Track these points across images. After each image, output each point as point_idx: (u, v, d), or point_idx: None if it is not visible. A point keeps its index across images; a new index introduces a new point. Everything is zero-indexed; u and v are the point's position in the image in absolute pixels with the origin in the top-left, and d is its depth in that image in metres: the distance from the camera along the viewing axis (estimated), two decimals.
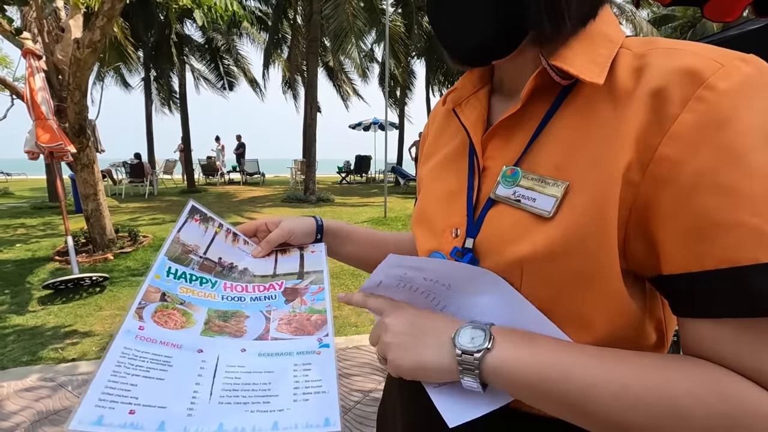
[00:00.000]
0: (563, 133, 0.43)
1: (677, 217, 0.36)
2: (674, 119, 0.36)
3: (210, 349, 0.47)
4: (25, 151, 4.03)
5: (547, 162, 0.43)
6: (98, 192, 4.80)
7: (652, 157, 0.37)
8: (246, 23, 11.90)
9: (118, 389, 0.39)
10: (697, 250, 0.35)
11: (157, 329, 0.47)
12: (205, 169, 14.65)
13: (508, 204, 0.45)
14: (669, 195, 0.36)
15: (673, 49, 0.39)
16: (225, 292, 0.57)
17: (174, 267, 0.56)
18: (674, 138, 0.36)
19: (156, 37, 12.88)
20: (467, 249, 0.47)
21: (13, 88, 5.19)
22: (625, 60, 0.41)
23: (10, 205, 9.65)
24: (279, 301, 0.58)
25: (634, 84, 0.39)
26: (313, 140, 10.26)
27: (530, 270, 0.42)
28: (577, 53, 0.43)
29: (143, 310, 0.48)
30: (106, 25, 3.98)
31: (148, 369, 0.42)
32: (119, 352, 0.43)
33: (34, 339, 3.03)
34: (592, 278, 0.40)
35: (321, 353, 0.50)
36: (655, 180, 0.37)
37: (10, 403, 2.27)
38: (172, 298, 0.52)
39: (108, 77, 13.90)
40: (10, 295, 3.85)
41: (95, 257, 4.72)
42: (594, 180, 0.39)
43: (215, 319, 0.52)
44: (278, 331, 0.52)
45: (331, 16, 10.02)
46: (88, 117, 4.63)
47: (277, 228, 0.68)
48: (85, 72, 4.23)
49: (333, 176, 17.74)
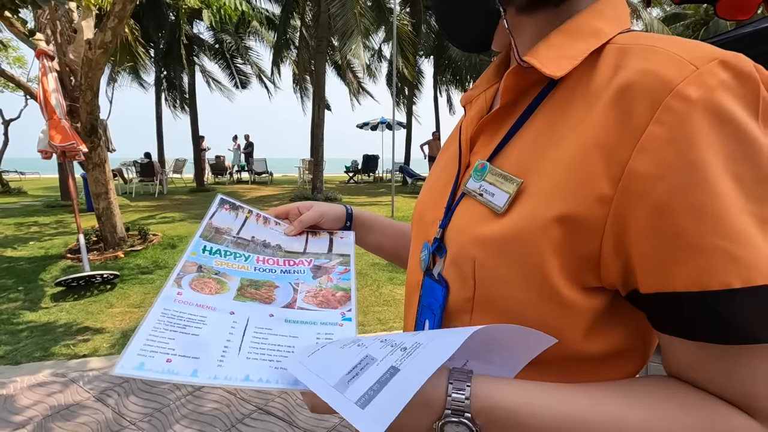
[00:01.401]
0: (536, 132, 0.42)
1: (651, 234, 0.34)
2: (643, 130, 0.34)
3: (241, 312, 0.51)
4: (39, 151, 4.09)
5: (515, 159, 0.43)
6: (109, 191, 4.86)
7: (623, 171, 0.34)
8: (255, 23, 11.97)
9: (158, 342, 0.43)
10: (669, 270, 0.34)
11: (194, 294, 0.51)
12: (214, 168, 14.77)
13: (473, 197, 0.45)
14: (642, 212, 0.34)
15: (651, 47, 0.37)
16: (257, 264, 0.61)
17: (209, 245, 0.60)
18: (645, 152, 0.34)
19: (166, 38, 13.00)
20: (437, 239, 0.49)
21: (27, 88, 5.29)
22: (609, 57, 0.39)
23: (24, 203, 9.82)
24: (307, 276, 0.61)
25: (605, 87, 0.37)
26: (320, 140, 10.29)
27: (480, 263, 0.42)
28: (553, 47, 0.42)
29: (182, 279, 0.53)
30: (117, 26, 4.03)
31: (184, 326, 0.46)
32: (159, 312, 0.47)
33: (47, 335, 3.09)
34: (531, 280, 0.39)
35: (343, 326, 0.52)
36: (628, 195, 0.35)
37: (23, 397, 2.32)
38: (208, 269, 0.56)
39: (120, 77, 14.06)
40: (23, 291, 3.93)
41: (106, 255, 4.79)
42: (547, 185, 0.38)
43: (247, 287, 0.56)
44: (305, 302, 0.56)
45: (338, 14, 10.04)
46: (100, 117, 4.69)
47: (310, 210, 0.71)
48: (96, 72, 4.29)
49: (341, 175, 17.78)
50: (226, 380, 0.42)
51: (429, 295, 0.50)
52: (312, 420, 2.10)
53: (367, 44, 11.22)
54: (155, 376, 0.40)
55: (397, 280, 4.26)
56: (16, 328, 3.20)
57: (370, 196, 11.02)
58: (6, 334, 3.11)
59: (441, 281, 0.48)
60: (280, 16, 12.89)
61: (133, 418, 2.14)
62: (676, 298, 0.34)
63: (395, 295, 3.87)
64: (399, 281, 4.24)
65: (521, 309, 0.40)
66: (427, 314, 0.51)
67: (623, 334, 0.42)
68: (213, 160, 14.75)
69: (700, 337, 0.34)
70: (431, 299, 0.49)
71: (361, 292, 3.94)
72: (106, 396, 2.33)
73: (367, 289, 4.04)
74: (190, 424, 2.09)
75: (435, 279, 0.49)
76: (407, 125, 16.67)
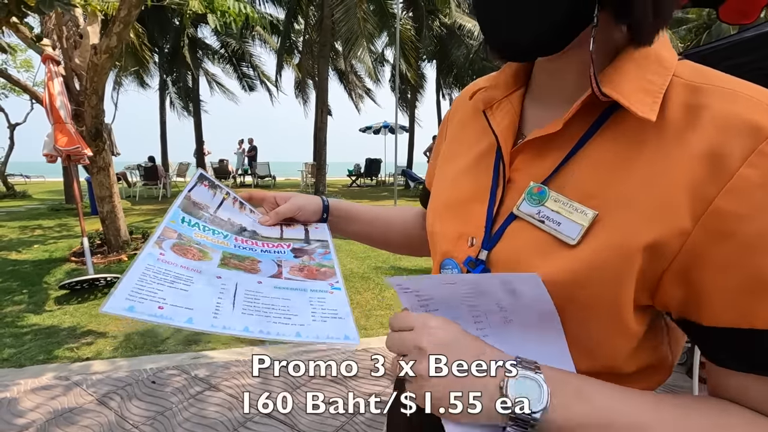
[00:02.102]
0: (600, 158, 0.41)
1: (730, 272, 0.35)
2: (733, 173, 0.34)
3: (228, 277, 0.49)
4: (44, 154, 4.12)
5: (578, 186, 0.41)
6: (113, 194, 4.89)
7: (706, 208, 0.35)
8: (259, 28, 12.05)
9: (146, 291, 0.41)
10: (748, 307, 0.34)
11: (177, 257, 0.49)
12: (217, 171, 14.84)
13: (531, 223, 0.43)
14: (724, 250, 0.35)
15: (730, 91, 0.37)
16: (237, 242, 0.60)
17: (188, 217, 0.58)
18: (734, 193, 0.34)
19: (171, 42, 13.11)
20: (480, 260, 0.46)
21: (33, 92, 5.33)
22: (678, 92, 0.39)
23: (29, 206, 9.87)
24: (288, 255, 0.60)
25: (687, 124, 0.37)
26: (323, 143, 10.33)
27: None
28: (627, 77, 0.40)
29: (162, 242, 0.50)
30: (122, 31, 4.06)
31: (172, 282, 0.44)
32: (143, 267, 0.44)
33: (50, 338, 3.09)
34: (603, 309, 0.40)
35: (333, 293, 0.52)
36: (709, 232, 0.35)
37: (26, 400, 2.32)
38: (188, 239, 0.54)
39: (125, 81, 14.18)
40: (27, 294, 3.94)
41: (110, 258, 4.81)
42: (627, 216, 0.38)
43: (230, 259, 0.54)
44: (290, 274, 0.54)
45: (342, 20, 10.10)
46: (105, 121, 4.72)
47: (287, 202, 0.69)
48: (102, 77, 4.32)
49: (343, 179, 17.81)
50: (225, 329, 0.41)
51: None
52: (314, 423, 2.10)
53: (371, 49, 11.25)
54: (147, 319, 0.39)
55: None
56: (20, 330, 3.21)
57: (372, 200, 11.03)
58: (10, 336, 3.12)
59: None
60: (284, 21, 12.99)
61: (135, 421, 2.14)
62: (756, 335, 0.35)
63: (398, 299, 3.86)
64: None
65: (582, 331, 0.41)
66: None
67: (656, 349, 0.44)
68: (216, 164, 14.82)
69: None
70: None
71: (363, 296, 3.94)
72: (108, 399, 2.33)
73: (369, 292, 4.03)
74: (192, 428, 2.09)
75: None
76: (410, 129, 16.71)
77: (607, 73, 0.41)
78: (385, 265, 4.85)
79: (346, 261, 5.02)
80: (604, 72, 0.41)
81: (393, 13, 10.42)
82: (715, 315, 0.36)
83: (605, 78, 0.40)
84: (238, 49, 14.63)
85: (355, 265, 4.88)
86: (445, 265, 0.50)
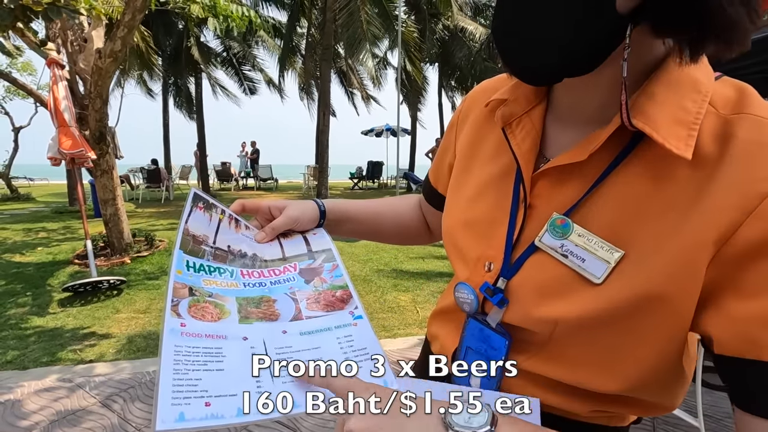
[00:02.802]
0: (626, 192, 0.39)
1: (748, 301, 0.34)
2: (763, 198, 0.33)
3: (253, 335, 0.48)
4: (48, 158, 4.15)
5: (604, 221, 0.40)
6: (117, 197, 4.91)
7: (728, 238, 0.34)
8: (262, 31, 12.12)
9: (186, 386, 0.40)
10: (760, 338, 0.33)
11: (198, 323, 0.47)
12: (219, 174, 14.88)
13: (553, 256, 0.41)
14: (743, 278, 0.34)
15: (762, 120, 0.36)
16: (244, 279, 0.58)
17: (191, 260, 0.56)
18: (761, 219, 0.33)
19: (174, 45, 13.19)
20: (498, 289, 0.44)
21: (37, 96, 5.37)
22: (710, 122, 0.37)
23: (33, 209, 9.92)
24: (299, 283, 0.58)
25: (718, 155, 0.36)
26: (325, 146, 10.35)
27: (566, 329, 0.40)
28: (661, 106, 0.37)
29: (178, 306, 0.48)
30: (126, 36, 4.09)
31: (205, 362, 0.43)
32: (172, 350, 0.42)
33: (54, 340, 3.11)
34: (631, 343, 0.39)
35: (357, 324, 0.51)
36: (726, 262, 0.35)
37: (30, 402, 2.33)
38: (200, 291, 0.52)
39: (129, 85, 14.27)
40: (31, 297, 3.96)
41: (113, 261, 4.83)
42: (654, 261, 0.36)
43: (246, 307, 0.52)
44: (309, 310, 0.53)
45: (346, 23, 10.14)
46: (108, 124, 4.75)
47: (282, 215, 0.66)
48: (106, 81, 4.35)
49: (345, 182, 17.82)
50: (275, 412, 0.39)
51: (479, 340, 0.48)
52: (317, 427, 2.10)
53: (373, 52, 11.31)
54: (200, 424, 0.37)
55: (401, 287, 4.25)
56: (23, 333, 3.23)
57: None
58: (14, 339, 3.13)
59: (503, 334, 0.45)
60: (287, 24, 13.05)
61: (138, 423, 2.14)
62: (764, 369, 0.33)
63: (399, 302, 3.86)
64: (403, 288, 4.23)
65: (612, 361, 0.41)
66: (477, 357, 0.48)
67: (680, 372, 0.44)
68: (219, 167, 14.86)
69: None
70: (484, 346, 0.47)
71: (365, 299, 3.94)
72: (111, 401, 2.33)
73: (371, 295, 4.03)
74: None
75: (491, 327, 0.46)
76: (412, 132, 16.73)
77: (639, 101, 0.38)
78: (387, 268, 4.86)
79: (349, 264, 5.02)
80: (635, 100, 0.38)
81: (396, 15, 10.46)
82: (726, 344, 0.35)
83: (636, 106, 0.37)
84: (241, 51, 14.70)
85: (357, 268, 4.88)
86: (461, 288, 0.49)
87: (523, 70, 0.41)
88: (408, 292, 4.09)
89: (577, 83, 0.41)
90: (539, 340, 0.44)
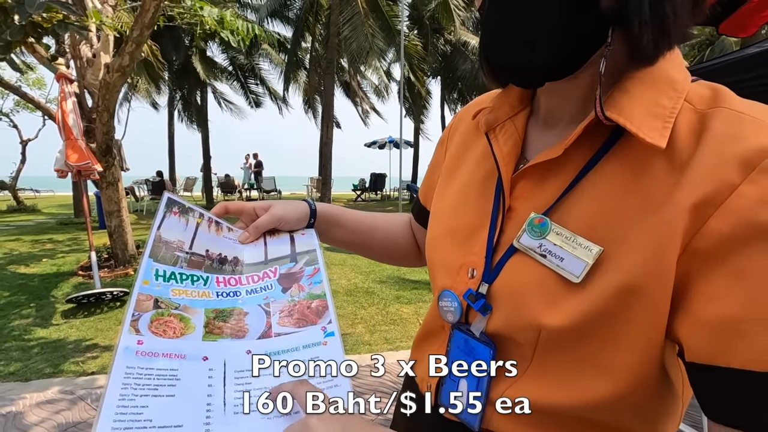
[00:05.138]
0: (604, 188, 0.39)
1: (714, 302, 0.32)
2: (732, 189, 0.32)
3: (215, 355, 0.45)
4: (55, 170, 4.20)
5: (581, 218, 0.39)
6: (122, 209, 4.95)
7: (698, 229, 0.33)
8: (266, 45, 12.33)
9: (130, 413, 0.38)
10: (728, 343, 0.31)
11: (157, 341, 0.44)
12: (223, 186, 14.98)
13: (532, 257, 0.40)
14: (710, 275, 0.33)
15: (739, 114, 0.35)
16: (219, 287, 0.54)
17: (161, 268, 0.52)
18: (729, 212, 0.32)
19: (181, 59, 13.41)
20: (480, 294, 0.43)
21: (45, 109, 5.46)
22: (686, 117, 0.37)
23: (39, 220, 10.00)
24: (276, 291, 0.55)
25: (692, 149, 0.35)
26: (329, 158, 10.43)
27: (550, 335, 0.39)
28: (636, 101, 0.37)
29: (138, 321, 0.45)
30: (134, 51, 4.18)
31: (156, 387, 0.40)
32: (122, 372, 0.40)
33: (57, 352, 3.11)
34: (616, 342, 0.37)
35: (327, 343, 0.49)
36: (694, 256, 0.33)
37: (32, 414, 2.32)
38: (166, 303, 0.49)
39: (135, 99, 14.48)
40: (35, 308, 3.97)
41: (116, 272, 4.84)
42: (634, 250, 0.35)
43: (214, 321, 0.50)
44: (280, 326, 0.51)
45: (350, 37, 10.30)
46: (115, 137, 4.82)
47: (267, 214, 0.63)
48: (114, 95, 4.43)
49: (348, 194, 17.90)
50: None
51: (464, 352, 0.46)
52: None
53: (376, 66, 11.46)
54: None
55: (404, 299, 4.24)
56: (27, 344, 3.23)
57: None
58: (17, 350, 3.14)
59: (487, 342, 0.43)
60: (292, 38, 13.27)
61: None
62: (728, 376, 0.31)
63: (402, 314, 3.85)
64: (406, 300, 4.22)
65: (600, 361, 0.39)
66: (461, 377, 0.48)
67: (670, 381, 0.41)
68: (222, 179, 14.97)
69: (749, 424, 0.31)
70: (469, 358, 0.45)
71: (368, 311, 3.93)
72: None
73: (374, 307, 4.02)
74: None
75: (475, 337, 0.44)
76: (414, 144, 16.83)
77: (614, 95, 0.38)
78: (389, 280, 4.84)
79: (351, 275, 5.02)
80: (611, 94, 0.38)
81: (399, 30, 10.63)
82: (693, 350, 0.34)
83: (611, 101, 0.38)
84: (246, 65, 14.93)
85: (359, 279, 4.88)
86: (444, 296, 0.48)
87: (510, 68, 0.41)
88: (410, 304, 4.07)
89: (558, 87, 0.43)
90: (525, 353, 0.42)
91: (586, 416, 0.40)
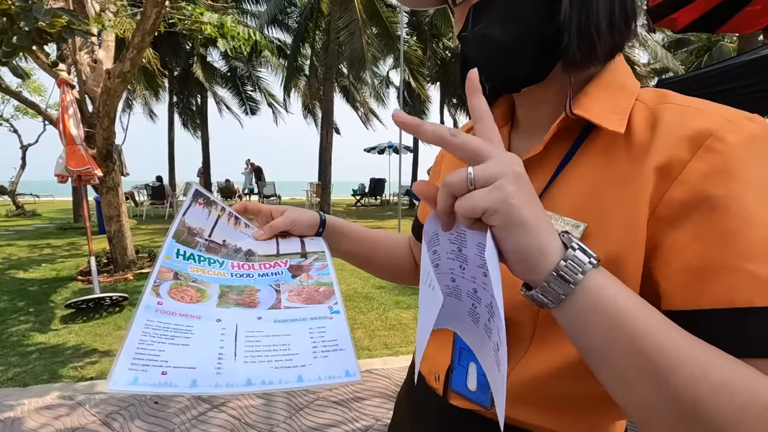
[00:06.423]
0: (582, 175, 0.46)
1: (679, 256, 0.38)
2: (684, 165, 0.39)
3: (228, 318, 0.49)
4: (56, 175, 4.21)
5: (567, 202, 0.46)
6: (121, 214, 4.96)
7: (660, 198, 0.39)
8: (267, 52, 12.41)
9: (148, 355, 0.41)
10: (696, 289, 0.37)
11: (175, 303, 0.48)
12: (223, 191, 15.00)
13: None
14: (674, 235, 0.38)
15: (684, 107, 0.43)
16: (233, 270, 0.59)
17: (182, 249, 0.57)
18: (683, 183, 0.39)
19: (181, 65, 13.49)
20: None
21: (46, 115, 5.48)
22: (640, 112, 0.45)
23: (38, 225, 9.99)
24: (286, 276, 0.60)
25: (649, 136, 0.42)
26: (328, 163, 10.46)
27: (546, 312, 0.40)
28: (595, 100, 0.46)
29: (159, 287, 0.50)
30: (135, 57, 4.21)
31: (172, 337, 0.44)
32: (143, 324, 0.44)
33: (55, 357, 3.10)
34: None
35: (333, 318, 0.52)
36: (660, 220, 0.39)
37: (30, 420, 2.32)
38: (185, 276, 0.53)
39: (136, 105, 14.53)
40: (34, 313, 3.96)
41: (116, 277, 4.84)
42: (612, 224, 0.42)
43: (228, 293, 0.54)
44: (289, 301, 0.54)
45: (346, 42, 10.37)
46: (115, 142, 4.84)
47: (282, 216, 0.69)
48: (114, 100, 4.45)
49: (348, 198, 17.93)
50: (228, 387, 0.41)
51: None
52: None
53: (377, 71, 11.53)
54: (152, 390, 0.38)
55: (403, 304, 4.24)
56: (25, 349, 3.23)
57: (377, 219, 11.06)
58: (16, 355, 3.13)
59: None
60: (291, 45, 13.35)
61: None
62: (703, 316, 0.36)
63: (401, 319, 3.85)
64: (405, 305, 4.22)
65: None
66: (471, 358, 0.52)
67: None
68: (222, 184, 14.99)
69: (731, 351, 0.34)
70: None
71: (367, 316, 3.93)
72: (111, 419, 2.32)
73: (373, 312, 4.02)
74: None
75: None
76: (414, 149, 16.88)
77: (579, 98, 0.47)
78: (389, 285, 4.84)
79: (351, 280, 5.02)
80: (577, 98, 0.47)
81: (398, 36, 10.70)
82: (670, 299, 0.39)
83: (577, 102, 0.46)
84: (246, 72, 15.00)
85: (359, 284, 4.88)
86: None
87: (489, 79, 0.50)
88: (410, 309, 4.07)
89: (532, 100, 0.53)
90: (526, 332, 0.47)
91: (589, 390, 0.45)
